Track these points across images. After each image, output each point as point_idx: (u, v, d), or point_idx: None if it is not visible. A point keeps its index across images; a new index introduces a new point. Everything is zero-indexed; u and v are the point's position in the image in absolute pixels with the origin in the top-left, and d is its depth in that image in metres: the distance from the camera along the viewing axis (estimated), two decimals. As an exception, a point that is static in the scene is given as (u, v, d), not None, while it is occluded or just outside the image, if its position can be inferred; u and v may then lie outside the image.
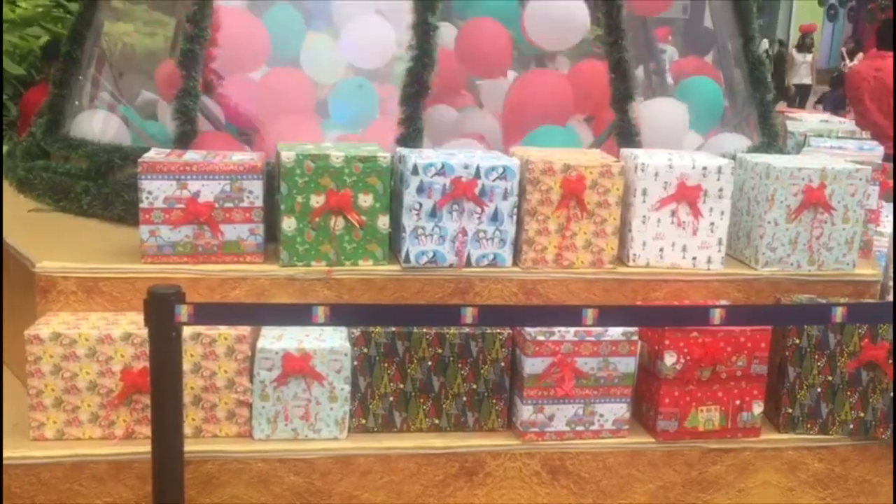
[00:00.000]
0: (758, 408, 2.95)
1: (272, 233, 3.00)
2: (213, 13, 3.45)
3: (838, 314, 2.48)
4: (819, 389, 2.99)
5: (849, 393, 3.00)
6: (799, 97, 14.57)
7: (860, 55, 14.39)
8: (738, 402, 2.93)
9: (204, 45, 3.43)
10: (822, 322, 2.86)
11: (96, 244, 3.09)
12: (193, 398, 2.70)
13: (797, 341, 2.96)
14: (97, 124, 3.82)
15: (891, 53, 5.46)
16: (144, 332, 2.32)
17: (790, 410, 3.00)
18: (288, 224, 2.90)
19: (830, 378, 2.99)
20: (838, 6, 26.86)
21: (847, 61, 14.59)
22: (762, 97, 4.12)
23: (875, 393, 3.01)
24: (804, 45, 14.92)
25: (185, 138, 3.32)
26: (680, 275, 3.16)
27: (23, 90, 6.68)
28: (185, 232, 2.89)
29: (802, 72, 14.71)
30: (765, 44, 21.63)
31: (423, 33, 3.37)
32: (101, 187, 3.44)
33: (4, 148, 4.39)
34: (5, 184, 3.86)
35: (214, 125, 3.59)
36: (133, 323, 2.69)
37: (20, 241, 3.07)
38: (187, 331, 2.59)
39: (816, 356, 2.97)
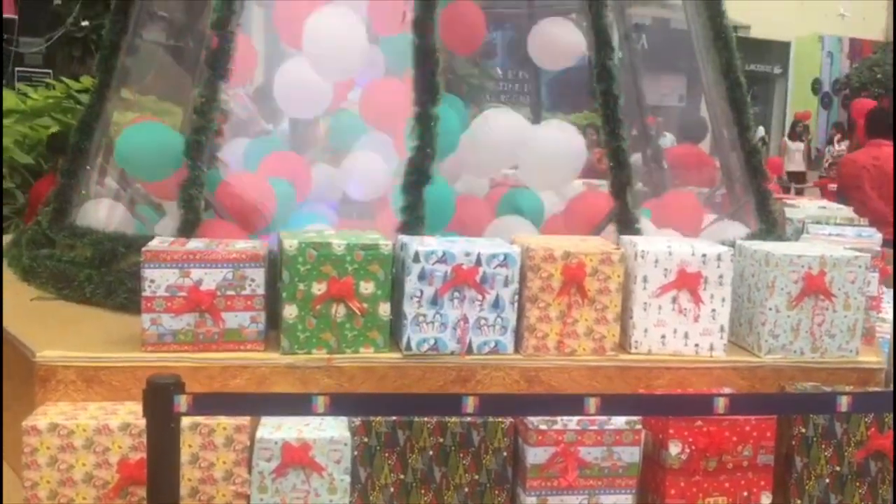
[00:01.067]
0: (766, 499, 2.89)
1: (273, 320, 3.00)
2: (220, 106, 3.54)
3: (843, 403, 2.45)
4: (827, 480, 2.94)
5: (857, 484, 2.94)
6: (794, 184, 14.72)
7: (846, 142, 14.66)
8: (745, 494, 2.88)
9: (210, 136, 3.50)
10: (827, 412, 2.83)
11: (97, 333, 3.09)
12: (191, 490, 2.65)
13: (803, 430, 2.92)
14: (102, 212, 3.87)
15: (887, 141, 5.55)
16: (143, 422, 2.29)
17: (799, 502, 2.94)
18: (289, 312, 2.91)
19: (838, 468, 2.93)
20: (832, 94, 27.41)
21: (835, 146, 14.81)
22: (759, 185, 4.17)
23: (884, 484, 2.95)
24: (797, 133, 15.16)
25: (189, 226, 3.36)
26: (682, 362, 3.14)
27: (31, 179, 6.78)
28: (186, 320, 2.89)
29: (796, 159, 14.91)
30: (760, 131, 22.01)
31: (425, 124, 3.44)
32: (104, 275, 3.46)
33: (10, 236, 4.44)
34: (9, 273, 3.88)
35: (218, 213, 3.63)
36: (132, 413, 2.66)
37: (21, 329, 3.07)
38: (186, 420, 2.56)
39: (823, 446, 2.92)
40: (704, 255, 3.12)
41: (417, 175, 3.44)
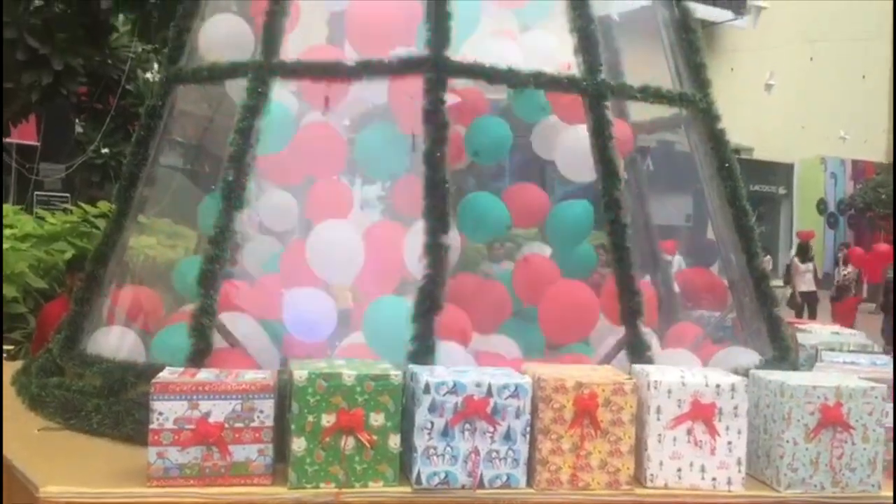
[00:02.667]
0: None
1: (281, 451, 2.96)
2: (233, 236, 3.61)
3: (868, 543, 2.38)
4: None
5: None
6: (807, 305, 14.70)
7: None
8: None
9: (223, 265, 3.54)
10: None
11: (103, 466, 3.04)
12: None
13: (828, 570, 2.81)
14: (113, 340, 3.87)
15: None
16: (145, 563, 2.23)
17: None
18: (298, 445, 2.86)
19: None
20: (837, 214, 27.72)
21: (842, 267, 14.84)
22: (770, 311, 4.16)
23: None
24: (805, 254, 15.24)
25: (199, 356, 3.36)
26: (700, 497, 3.05)
27: (43, 303, 6.83)
28: (193, 454, 2.85)
29: (807, 279, 14.93)
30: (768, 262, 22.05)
31: (435, 254, 3.48)
32: (112, 405, 3.43)
33: (20, 363, 4.44)
34: (17, 402, 3.86)
35: (229, 342, 3.63)
36: (134, 551, 2.59)
37: (26, 462, 3.03)
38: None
39: (850, 586, 2.81)
40: (718, 386, 3.08)
41: (429, 303, 3.45)
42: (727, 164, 4.29)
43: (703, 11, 23.36)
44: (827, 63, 25.10)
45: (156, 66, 9.72)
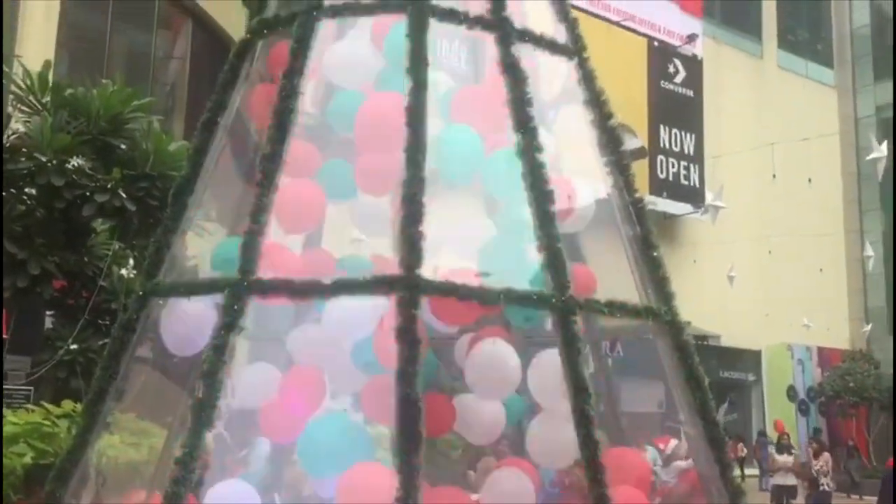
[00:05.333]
0: None
1: None
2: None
3: None
4: None
5: None
6: (786, 498, 14.41)
7: (825, 454, 14.56)
8: None
9: (189, 488, 3.46)
10: None
11: None
12: None
13: None
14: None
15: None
16: None
17: None
18: None
19: None
20: (808, 401, 27.78)
21: (813, 462, 14.67)
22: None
23: None
24: (783, 446, 15.10)
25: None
26: None
27: (-5, 505, 6.52)
28: None
29: (785, 473, 14.70)
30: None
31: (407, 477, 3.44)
32: None
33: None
34: None
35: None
36: None
37: None
38: None
39: None
40: None
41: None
42: (695, 376, 4.37)
43: (663, 205, 24.46)
44: (785, 256, 26.04)
45: (131, 261, 9.83)
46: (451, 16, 4.28)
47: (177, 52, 17.12)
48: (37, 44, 11.91)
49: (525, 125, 4.19)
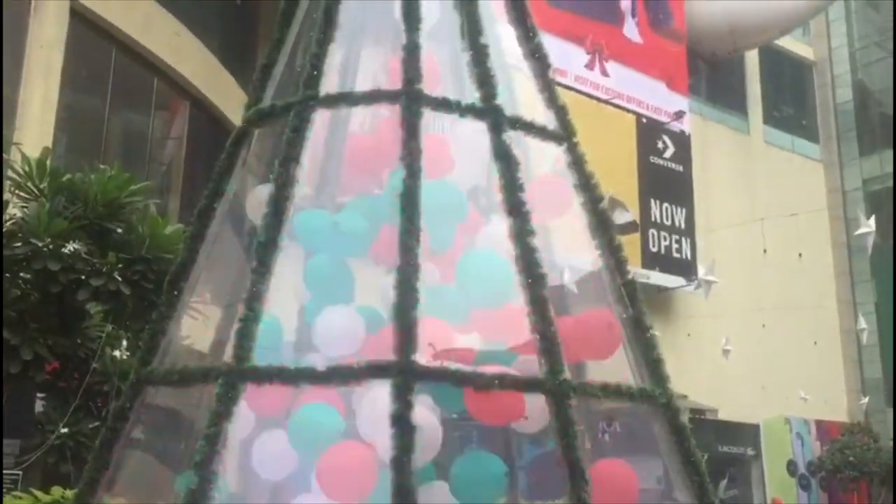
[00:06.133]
0: None
1: None
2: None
3: None
4: None
5: None
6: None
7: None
8: None
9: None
10: None
11: None
12: None
13: None
14: None
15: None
16: None
17: None
18: None
19: None
20: (809, 476, 27.37)
21: None
22: None
23: None
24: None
25: None
26: None
27: None
28: None
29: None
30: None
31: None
32: None
33: None
34: None
35: None
36: None
37: None
38: None
39: None
40: None
41: None
42: (692, 460, 4.34)
43: (656, 278, 24.52)
44: (780, 329, 26.00)
45: (125, 343, 9.78)
46: (444, 105, 4.39)
47: (174, 133, 17.37)
48: (35, 128, 12.08)
49: (518, 209, 4.26)
